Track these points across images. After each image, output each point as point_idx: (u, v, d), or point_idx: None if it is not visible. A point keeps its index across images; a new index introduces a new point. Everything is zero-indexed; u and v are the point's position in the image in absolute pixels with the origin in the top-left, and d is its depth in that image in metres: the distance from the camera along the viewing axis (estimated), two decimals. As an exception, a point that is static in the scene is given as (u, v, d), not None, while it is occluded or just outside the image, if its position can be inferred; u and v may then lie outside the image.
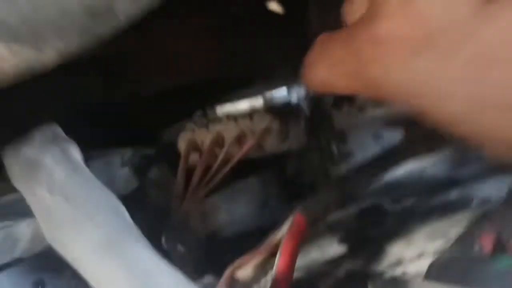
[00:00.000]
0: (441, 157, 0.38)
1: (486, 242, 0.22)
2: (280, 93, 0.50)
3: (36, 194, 0.19)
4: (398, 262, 0.36)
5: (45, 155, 0.20)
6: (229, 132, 0.47)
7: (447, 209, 0.35)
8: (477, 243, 0.22)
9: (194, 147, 0.49)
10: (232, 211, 0.48)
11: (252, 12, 0.63)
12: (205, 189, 0.46)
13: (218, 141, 0.48)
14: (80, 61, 0.24)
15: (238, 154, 0.46)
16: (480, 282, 0.20)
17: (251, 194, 0.49)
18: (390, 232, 0.37)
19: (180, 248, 0.39)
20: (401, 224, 0.35)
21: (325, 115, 0.50)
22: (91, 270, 0.17)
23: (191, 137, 0.49)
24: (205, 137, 0.49)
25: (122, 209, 0.19)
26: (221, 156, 0.47)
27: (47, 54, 0.22)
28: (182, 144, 0.49)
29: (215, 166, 0.46)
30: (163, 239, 0.38)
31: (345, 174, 0.42)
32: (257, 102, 0.50)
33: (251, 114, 0.48)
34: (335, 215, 0.39)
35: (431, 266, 0.23)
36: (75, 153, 0.21)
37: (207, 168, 0.47)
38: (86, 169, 0.21)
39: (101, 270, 0.17)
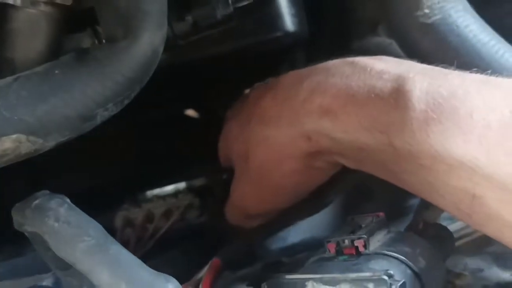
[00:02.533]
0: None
1: (331, 248, 0.36)
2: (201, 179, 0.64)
3: (48, 226, 0.30)
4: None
5: (50, 202, 0.31)
6: (158, 209, 0.59)
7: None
8: (326, 249, 0.36)
9: (129, 223, 0.60)
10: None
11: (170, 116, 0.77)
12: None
13: (149, 217, 0.60)
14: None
15: (165, 226, 0.58)
16: (328, 269, 0.34)
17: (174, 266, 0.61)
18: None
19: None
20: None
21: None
22: (87, 268, 0.29)
23: (126, 215, 0.60)
24: (137, 214, 0.60)
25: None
26: (151, 229, 0.58)
27: (50, 143, 0.34)
28: (118, 221, 0.60)
29: (146, 238, 0.58)
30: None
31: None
32: (181, 185, 0.63)
33: (176, 193, 0.60)
34: (244, 270, 0.50)
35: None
36: (67, 199, 0.32)
37: (139, 240, 0.58)
38: (78, 209, 0.32)
39: (93, 267, 0.28)
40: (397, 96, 0.33)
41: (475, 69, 0.35)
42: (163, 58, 0.53)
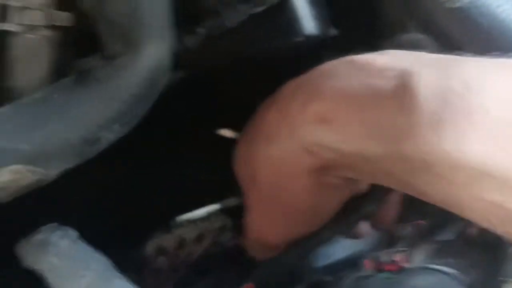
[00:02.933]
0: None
1: (368, 265, 0.32)
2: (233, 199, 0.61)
3: (47, 262, 0.28)
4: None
5: (51, 235, 0.29)
6: (190, 233, 0.57)
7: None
8: (362, 266, 0.32)
9: (161, 251, 0.58)
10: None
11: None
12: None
13: (181, 243, 0.57)
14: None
15: (198, 251, 0.55)
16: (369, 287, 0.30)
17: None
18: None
19: None
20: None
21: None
22: None
23: (157, 243, 0.58)
24: (169, 241, 0.57)
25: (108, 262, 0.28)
26: (183, 255, 0.55)
27: (52, 172, 0.32)
28: (150, 250, 0.58)
29: (179, 264, 0.55)
30: None
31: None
32: (212, 207, 0.60)
33: (207, 216, 0.57)
34: None
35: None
36: (72, 232, 0.30)
37: (172, 268, 0.56)
38: (81, 242, 0.30)
39: None
40: (402, 96, 0.28)
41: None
42: (180, 76, 0.52)
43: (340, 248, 0.51)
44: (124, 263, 0.58)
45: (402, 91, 0.28)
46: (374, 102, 0.30)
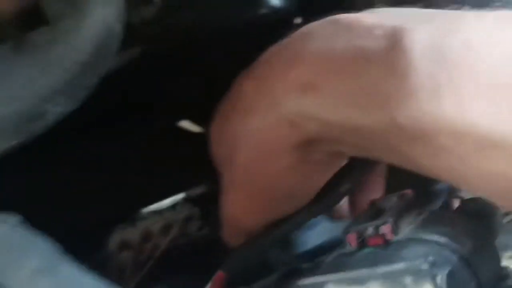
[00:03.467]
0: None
1: (351, 240, 0.29)
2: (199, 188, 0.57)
3: None
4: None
5: None
6: (155, 225, 0.53)
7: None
8: (347, 243, 0.29)
9: (125, 245, 0.54)
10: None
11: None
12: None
13: (146, 235, 0.53)
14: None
15: (164, 243, 0.51)
16: (351, 266, 0.27)
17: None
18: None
19: None
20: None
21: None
22: None
23: (120, 237, 0.54)
24: (133, 234, 0.53)
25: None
26: (149, 248, 0.52)
27: (-7, 151, 0.28)
28: (112, 245, 0.54)
29: (144, 259, 0.51)
30: None
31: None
32: (178, 196, 0.56)
33: (173, 206, 0.54)
34: (260, 282, 0.44)
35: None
36: (12, 217, 0.26)
37: (137, 263, 0.52)
38: (22, 228, 0.26)
39: None
40: (393, 57, 0.25)
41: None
42: (139, 50, 0.48)
43: (319, 233, 0.48)
44: (86, 260, 0.54)
45: (393, 52, 0.25)
46: (362, 66, 0.26)
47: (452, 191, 0.37)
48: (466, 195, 0.37)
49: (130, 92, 0.53)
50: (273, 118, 0.31)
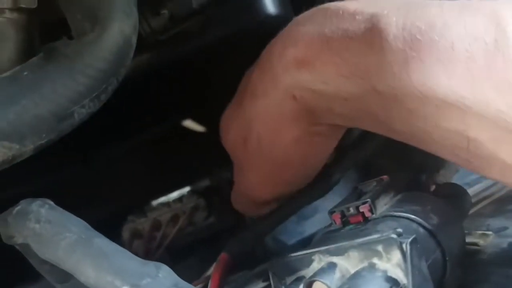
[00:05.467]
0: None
1: (336, 219, 0.33)
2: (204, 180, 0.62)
3: (29, 229, 0.28)
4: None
5: (31, 204, 0.30)
6: (164, 216, 0.58)
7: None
8: (332, 222, 0.34)
9: (136, 235, 0.58)
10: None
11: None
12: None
13: (156, 225, 0.58)
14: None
15: (173, 232, 0.56)
16: (335, 240, 0.31)
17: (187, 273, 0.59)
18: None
19: None
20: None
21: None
22: (71, 265, 0.26)
23: (132, 227, 0.59)
24: (144, 225, 0.58)
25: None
26: (158, 238, 0.56)
27: (27, 147, 0.33)
28: (125, 234, 0.58)
29: (154, 247, 0.56)
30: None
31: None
32: (185, 189, 0.61)
33: (181, 198, 0.58)
34: (262, 266, 0.48)
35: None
36: (49, 201, 0.31)
37: (148, 251, 0.56)
38: (60, 208, 0.30)
39: (77, 263, 0.26)
40: (372, 37, 0.30)
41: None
42: (146, 57, 0.53)
43: (312, 223, 0.53)
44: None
45: (372, 33, 0.30)
46: (347, 44, 0.32)
47: (429, 179, 0.41)
48: (441, 181, 0.42)
49: (140, 94, 0.57)
50: (276, 95, 0.36)
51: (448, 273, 0.30)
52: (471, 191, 0.49)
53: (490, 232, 0.40)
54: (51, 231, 0.27)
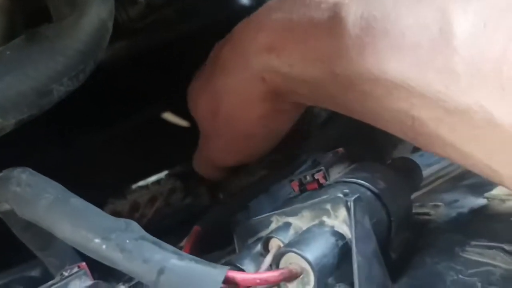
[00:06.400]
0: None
1: (294, 186, 0.37)
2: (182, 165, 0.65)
3: (11, 192, 0.31)
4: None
5: (12, 172, 0.32)
6: (143, 197, 0.60)
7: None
8: (291, 190, 0.37)
9: (116, 216, 0.61)
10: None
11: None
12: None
13: (135, 207, 0.60)
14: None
15: (150, 212, 0.59)
16: (292, 204, 0.34)
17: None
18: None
19: None
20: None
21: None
22: (50, 223, 0.29)
23: (112, 208, 0.61)
24: (124, 206, 0.61)
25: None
26: (136, 218, 0.59)
27: (9, 122, 0.35)
28: (106, 215, 0.61)
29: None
30: None
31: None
32: (163, 173, 0.64)
33: (158, 180, 0.61)
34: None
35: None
36: (30, 169, 0.33)
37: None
38: (39, 174, 0.33)
39: (54, 220, 0.29)
40: (333, 24, 0.33)
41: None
42: (125, 44, 0.55)
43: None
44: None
45: (334, 21, 0.34)
46: (312, 31, 0.35)
47: (385, 152, 0.45)
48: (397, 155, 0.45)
49: (117, 83, 0.60)
50: (247, 75, 0.40)
51: (394, 232, 0.34)
52: (430, 169, 0.53)
53: (441, 203, 0.43)
54: (31, 193, 0.30)
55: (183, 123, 0.81)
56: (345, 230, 0.30)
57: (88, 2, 0.38)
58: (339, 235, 0.30)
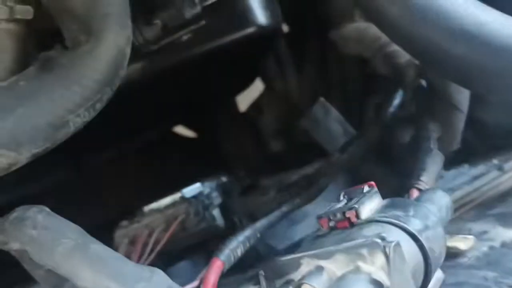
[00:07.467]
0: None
1: (323, 223, 0.35)
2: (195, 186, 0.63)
3: (27, 236, 0.29)
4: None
5: (28, 211, 0.31)
6: (157, 222, 0.58)
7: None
8: (319, 227, 0.35)
9: (129, 240, 0.59)
10: None
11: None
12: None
13: (149, 232, 0.59)
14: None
15: (165, 238, 0.57)
16: (322, 244, 0.33)
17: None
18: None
19: None
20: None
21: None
22: (68, 270, 0.28)
23: (125, 233, 0.59)
24: (137, 231, 0.59)
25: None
26: (151, 243, 0.57)
27: (23, 155, 0.34)
28: (118, 239, 0.59)
29: (147, 252, 0.57)
30: None
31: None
32: (177, 195, 0.62)
33: (173, 204, 0.59)
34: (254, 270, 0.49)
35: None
36: (45, 208, 0.32)
37: (141, 256, 0.57)
38: (56, 215, 0.31)
39: (74, 268, 0.27)
40: None
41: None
42: (139, 66, 0.54)
43: (302, 228, 0.54)
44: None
45: None
46: None
47: (412, 184, 0.43)
48: (424, 187, 0.43)
49: (132, 102, 0.58)
50: None
51: (431, 276, 0.32)
52: (453, 196, 0.51)
53: (471, 236, 0.42)
54: (48, 237, 0.28)
55: (192, 134, 0.80)
56: (382, 277, 0.28)
57: (105, 29, 0.36)
58: (377, 283, 0.28)
